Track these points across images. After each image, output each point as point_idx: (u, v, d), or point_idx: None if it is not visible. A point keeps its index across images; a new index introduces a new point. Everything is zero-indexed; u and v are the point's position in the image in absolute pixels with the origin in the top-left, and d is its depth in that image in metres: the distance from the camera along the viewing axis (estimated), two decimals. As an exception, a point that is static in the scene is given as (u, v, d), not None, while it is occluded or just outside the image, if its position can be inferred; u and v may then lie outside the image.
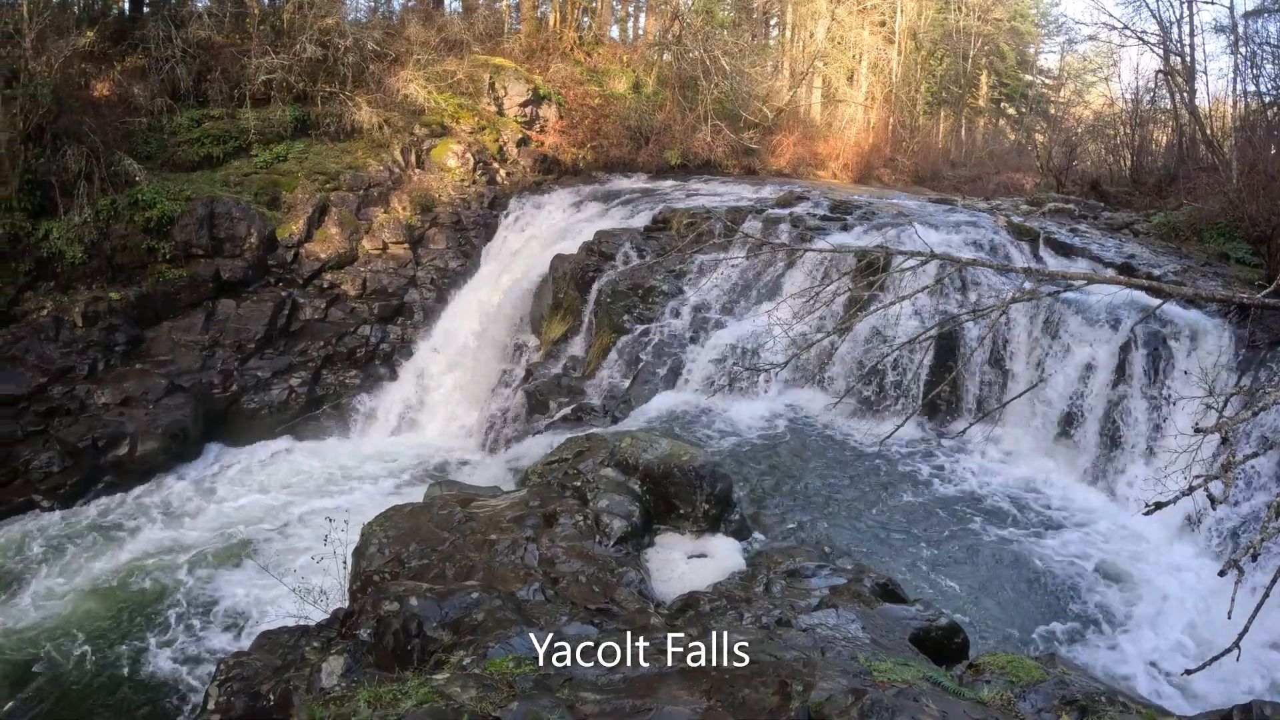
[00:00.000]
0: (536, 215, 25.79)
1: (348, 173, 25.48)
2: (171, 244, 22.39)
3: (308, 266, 23.72)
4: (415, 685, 5.94)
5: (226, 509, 18.73)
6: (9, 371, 20.00)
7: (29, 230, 21.16)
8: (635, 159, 31.78)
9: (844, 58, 45.28)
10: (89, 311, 21.18)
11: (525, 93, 30.67)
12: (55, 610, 16.12)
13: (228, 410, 21.60)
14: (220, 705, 8.93)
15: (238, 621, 15.04)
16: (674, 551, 8.94)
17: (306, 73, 26.70)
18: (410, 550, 9.00)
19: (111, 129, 23.25)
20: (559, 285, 20.25)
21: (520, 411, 17.68)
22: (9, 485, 19.34)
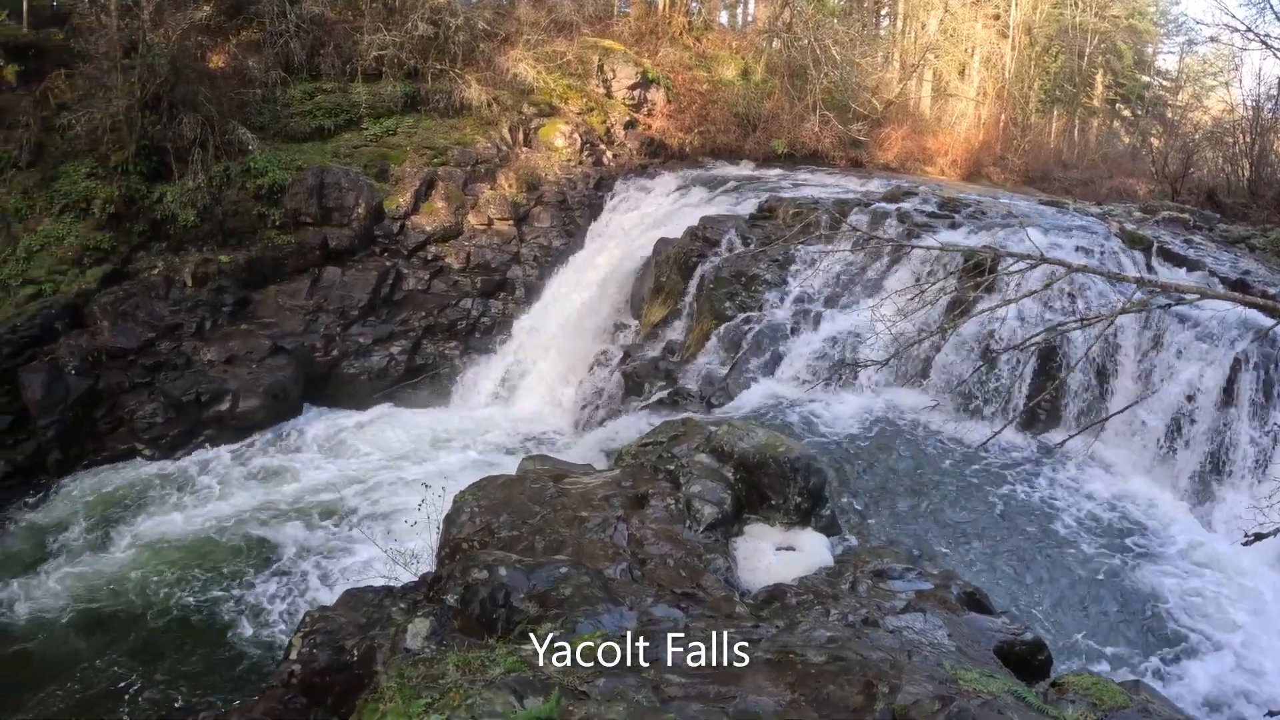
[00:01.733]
0: (642, 198, 25.79)
1: (456, 148, 25.83)
2: (281, 211, 23.07)
3: (413, 238, 24.10)
4: (503, 653, 6.01)
5: (321, 469, 19.23)
6: (120, 326, 20.84)
7: (144, 193, 22.08)
8: (742, 146, 31.59)
9: (956, 51, 44.31)
10: (199, 272, 21.94)
11: (634, 76, 30.70)
12: (148, 555, 16.80)
13: (328, 374, 22.14)
14: (302, 656, 9.16)
15: (323, 577, 15.50)
16: (762, 542, 8.89)
17: (417, 50, 27.13)
18: (501, 521, 9.10)
19: (226, 99, 24.01)
20: (661, 269, 20.21)
21: (616, 392, 17.72)
22: (114, 433, 20.31)
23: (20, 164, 22.34)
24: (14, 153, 22.28)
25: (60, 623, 15.31)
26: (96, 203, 21.63)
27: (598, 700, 5.35)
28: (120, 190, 21.72)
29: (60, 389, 19.83)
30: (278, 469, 19.41)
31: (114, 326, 20.79)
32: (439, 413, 21.52)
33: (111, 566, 16.61)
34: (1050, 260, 8.69)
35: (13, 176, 22.27)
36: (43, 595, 16.04)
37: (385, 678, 6.13)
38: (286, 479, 18.98)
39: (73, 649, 14.62)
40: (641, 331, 19.93)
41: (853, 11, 41.51)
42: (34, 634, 15.07)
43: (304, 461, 19.62)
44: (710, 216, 20.98)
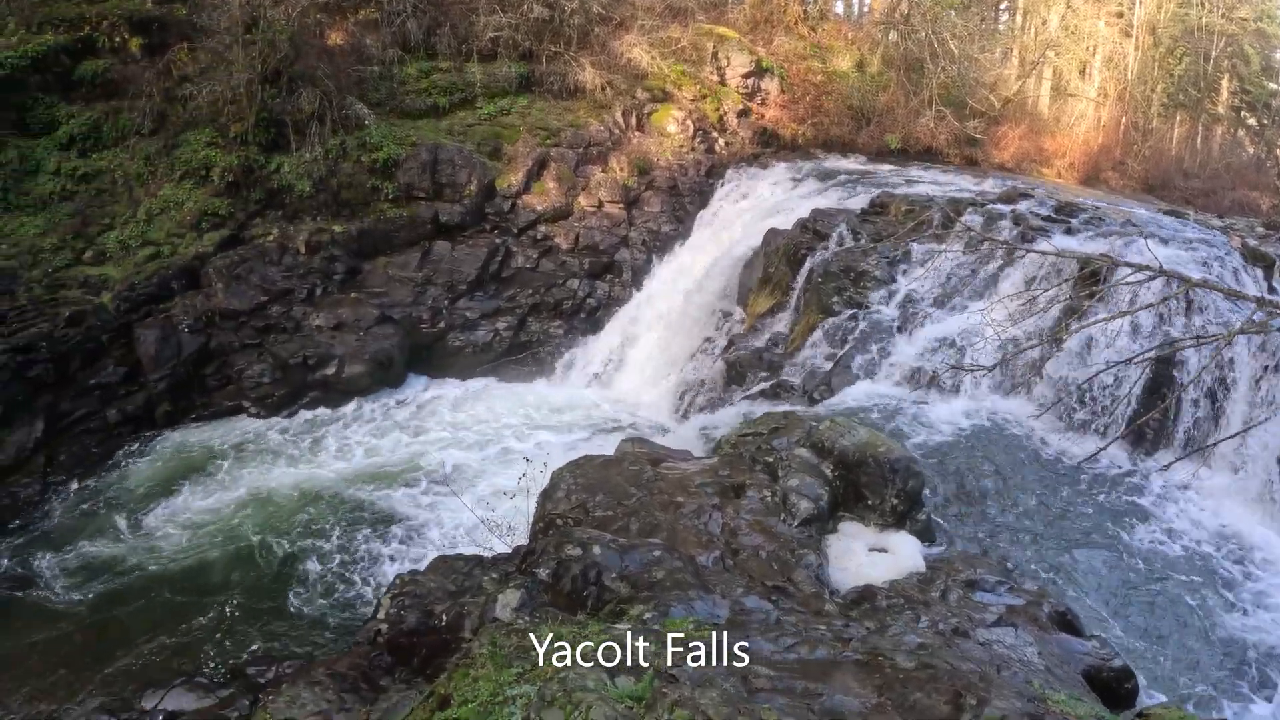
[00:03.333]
0: (753, 187, 25.67)
1: (568, 130, 26.04)
2: (394, 185, 23.61)
3: (523, 217, 24.40)
4: (595, 630, 6.09)
5: (423, 436, 19.71)
6: (234, 289, 21.63)
7: (262, 163, 22.92)
8: (855, 139, 31.22)
9: (1077, 49, 42.94)
10: (312, 241, 22.66)
11: (748, 64, 30.52)
12: (247, 509, 17.51)
13: (433, 345, 22.60)
14: (390, 616, 9.38)
15: (415, 541, 15.95)
16: (855, 542, 8.82)
17: (533, 32, 27.39)
18: (597, 500, 9.20)
19: (344, 75, 24.67)
20: (770, 260, 20.12)
21: (717, 380, 17.70)
22: (222, 390, 21.18)
23: (143, 131, 23.31)
24: (137, 121, 23.23)
25: (159, 567, 16.05)
26: (215, 171, 22.53)
27: (688, 685, 5.41)
28: (239, 159, 22.59)
29: (173, 346, 20.73)
30: (379, 434, 19.92)
31: (227, 289, 21.60)
32: (540, 389, 21.83)
33: (211, 518, 17.34)
34: (1168, 273, 8.48)
35: (136, 143, 23.26)
36: (144, 541, 16.86)
37: (478, 645, 6.25)
38: (386, 445, 19.47)
39: (170, 593, 15.29)
40: (746, 321, 19.85)
41: (972, 5, 40.42)
42: (135, 578, 15.80)
43: (405, 429, 20.09)
44: (821, 209, 20.80)
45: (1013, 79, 37.96)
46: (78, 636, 14.58)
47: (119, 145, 23.26)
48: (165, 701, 12.31)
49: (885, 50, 34.09)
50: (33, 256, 21.08)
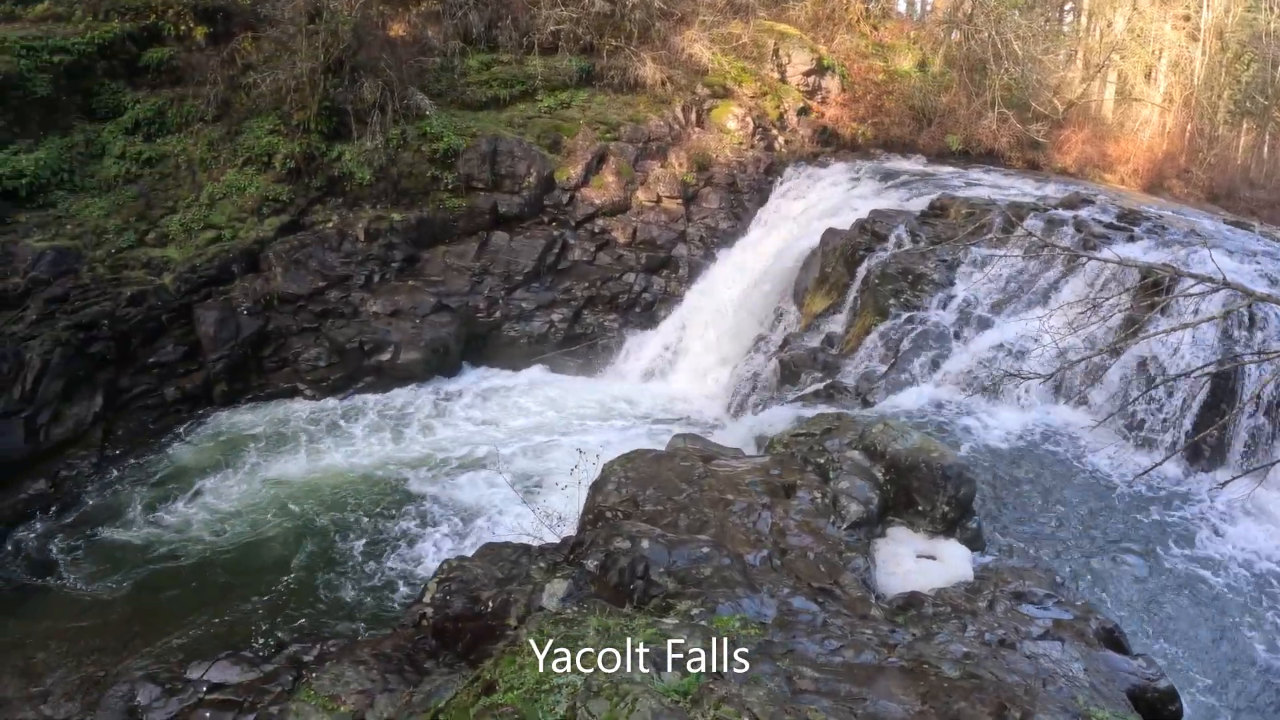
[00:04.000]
0: (811, 186, 25.49)
1: (628, 124, 26.07)
2: (454, 175, 23.82)
3: (581, 210, 24.48)
4: (643, 624, 6.16)
5: (476, 425, 19.89)
6: (293, 273, 22.00)
7: (323, 151, 23.31)
8: (916, 140, 30.88)
9: (1142, 52, 41.93)
10: (371, 228, 22.93)
11: (809, 62, 30.33)
12: (299, 488, 17.83)
13: (488, 334, 22.77)
14: (436, 601, 9.49)
15: (463, 528, 16.06)
16: (903, 547, 8.80)
17: (594, 26, 27.46)
18: (647, 494, 9.25)
19: (405, 66, 24.92)
20: (827, 259, 19.99)
21: (771, 379, 17.64)
22: (278, 372, 21.56)
23: (207, 118, 23.86)
24: (201, 107, 23.78)
25: (209, 543, 16.39)
26: (278, 157, 23.00)
27: (734, 682, 5.44)
28: (301, 147, 23.01)
29: (232, 327, 21.13)
30: (432, 421, 20.14)
31: (287, 273, 21.98)
32: (593, 382, 21.92)
33: (262, 497, 17.67)
34: (1232, 285, 8.33)
35: (200, 129, 23.81)
36: (196, 516, 17.22)
37: (525, 632, 6.32)
38: (440, 431, 19.69)
39: (219, 569, 15.61)
40: (802, 321, 19.74)
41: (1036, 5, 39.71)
42: (185, 552, 16.15)
43: (458, 416, 20.29)
44: (880, 210, 20.64)
45: (1077, 82, 37.28)
46: (127, 607, 14.97)
47: (183, 131, 23.80)
48: (210, 673, 12.52)
49: (948, 50, 33.64)
50: (97, 237, 21.61)
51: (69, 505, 18.20)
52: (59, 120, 23.05)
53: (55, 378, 19.37)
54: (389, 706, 7.84)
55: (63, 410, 19.43)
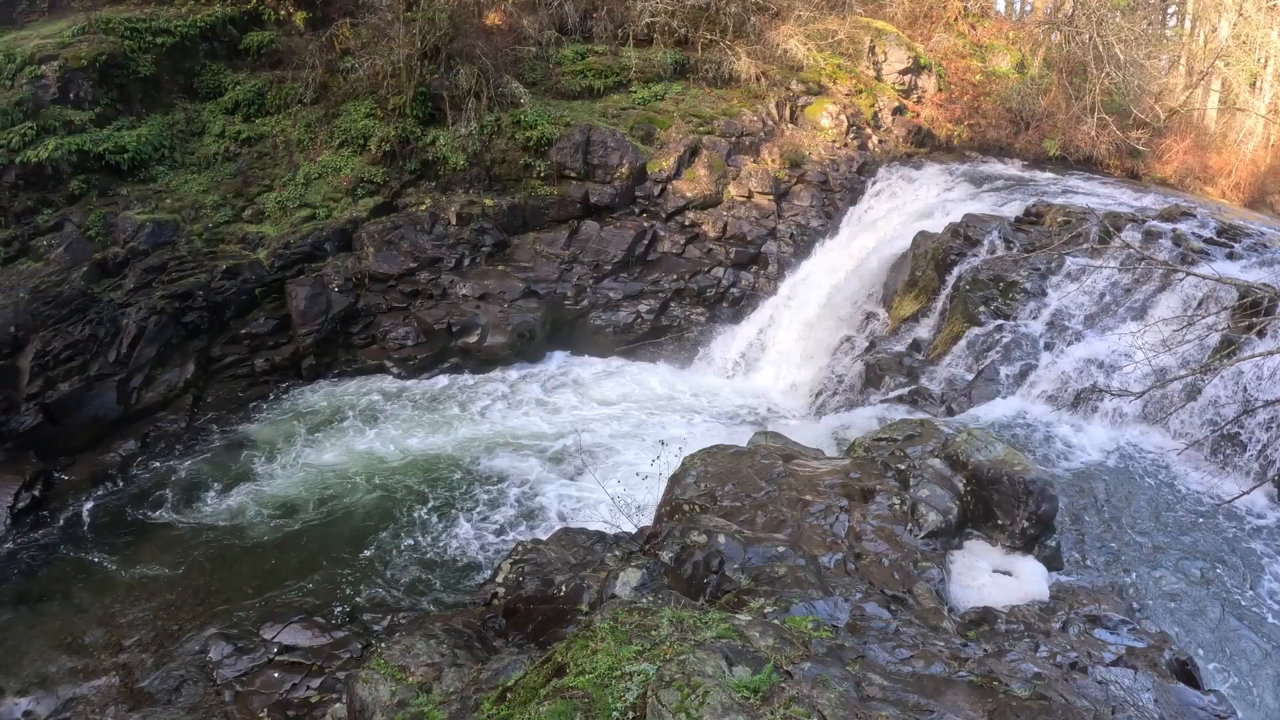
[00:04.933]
0: (904, 187, 25.11)
1: (721, 119, 26.02)
2: (547, 163, 24.07)
3: (672, 202, 24.49)
4: (717, 618, 6.21)
5: (557, 410, 20.10)
6: (384, 253, 22.53)
7: (418, 135, 23.83)
8: (1012, 144, 30.21)
9: (1248, 60, 40.40)
10: (463, 213, 23.32)
11: (905, 60, 29.88)
12: (380, 461, 18.26)
13: (575, 322, 22.97)
14: (508, 581, 9.67)
15: (538, 511, 16.26)
16: (980, 561, 8.73)
17: (689, 19, 27.40)
18: (725, 490, 9.29)
19: (501, 54, 25.21)
20: (918, 263, 19.69)
21: (855, 381, 17.48)
22: (366, 349, 22.11)
23: (305, 100, 24.67)
24: (300, 90, 24.60)
25: (288, 511, 16.94)
26: (373, 140, 23.59)
27: (805, 683, 5.45)
28: (396, 131, 23.57)
29: (322, 303, 21.73)
30: (514, 404, 20.43)
31: (378, 253, 22.52)
32: (677, 375, 21.90)
33: (342, 469, 18.15)
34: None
35: (298, 111, 24.63)
36: (276, 484, 17.80)
37: (599, 618, 6.41)
38: (522, 415, 19.95)
39: (296, 536, 16.13)
40: (889, 324, 19.49)
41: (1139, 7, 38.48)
42: (264, 518, 16.71)
43: (542, 401, 20.53)
44: (974, 214, 20.26)
45: (1179, 89, 36.05)
46: (205, 567, 15.54)
47: (281, 112, 24.62)
48: (282, 635, 12.96)
49: (1047, 51, 32.84)
50: (195, 212, 22.46)
51: (155, 466, 18.98)
52: (161, 99, 24.02)
53: (149, 344, 20.23)
54: (456, 681, 8.02)
55: (155, 375, 20.29)
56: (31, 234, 20.84)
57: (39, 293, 19.79)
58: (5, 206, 20.94)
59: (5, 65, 22.21)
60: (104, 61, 22.74)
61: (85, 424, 19.27)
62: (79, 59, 22.58)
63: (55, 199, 21.31)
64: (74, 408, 19.18)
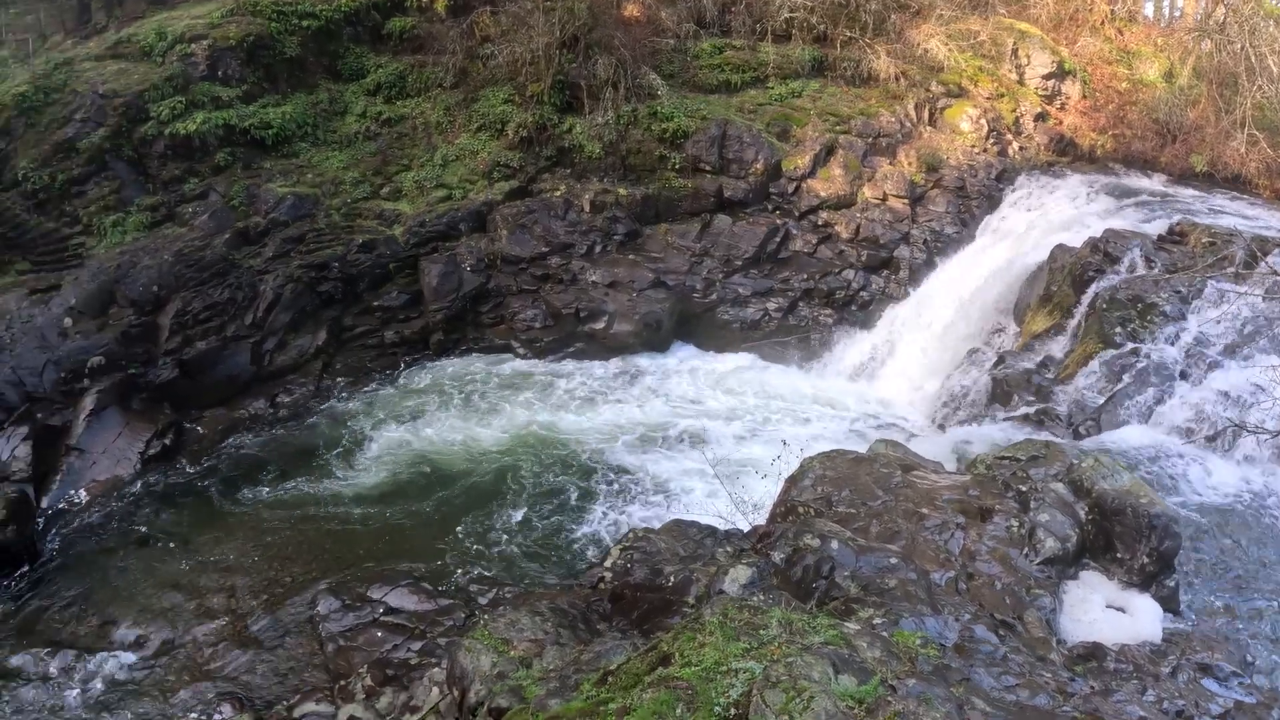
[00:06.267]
0: (1044, 198, 24.25)
1: (859, 119, 25.76)
2: (682, 156, 24.27)
3: (805, 201, 24.35)
4: (825, 624, 6.26)
5: (680, 402, 20.26)
6: (517, 236, 23.10)
7: (555, 123, 24.33)
8: (1157, 157, 28.88)
9: None
10: (597, 200, 23.76)
11: (1048, 64, 28.88)
12: (501, 438, 18.81)
13: (702, 315, 23.04)
14: (617, 566, 9.85)
15: (650, 500, 16.45)
16: (1094, 594, 8.50)
17: (828, 15, 27.14)
18: (842, 495, 9.29)
19: (639, 46, 25.46)
20: (1054, 277, 19.05)
21: (980, 396, 17.08)
22: (494, 328, 22.78)
23: (444, 85, 25.44)
24: (440, 75, 25.40)
25: (404, 479, 17.61)
26: (510, 126, 24.18)
27: (910, 699, 5.47)
28: (533, 117, 24.12)
29: (454, 281, 22.43)
30: (638, 393, 20.69)
31: (511, 235, 23.08)
32: (801, 376, 21.70)
33: (461, 443, 18.72)
34: None
35: (437, 95, 25.42)
36: (396, 452, 18.49)
37: (708, 613, 6.50)
38: (644, 403, 20.18)
39: (410, 504, 16.74)
40: (1020, 339, 18.90)
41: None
42: (381, 484, 17.44)
43: (664, 391, 20.73)
44: (1115, 230, 19.51)
45: (1336, 106, 34.10)
46: (320, 525, 16.28)
47: (421, 95, 25.47)
48: (389, 597, 13.44)
49: (1197, 60, 31.32)
50: (334, 187, 23.46)
51: (282, 426, 19.95)
52: (305, 79, 25.23)
53: (284, 310, 21.27)
54: (557, 659, 8.24)
55: (288, 340, 21.34)
56: (178, 201, 22.14)
57: (182, 256, 20.98)
58: (154, 175, 22.30)
59: (157, 43, 23.69)
60: (251, 42, 24.02)
61: (218, 381, 20.42)
62: (227, 38, 23.91)
63: (201, 169, 22.60)
64: (209, 365, 20.35)
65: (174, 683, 12.60)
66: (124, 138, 22.20)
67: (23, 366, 18.81)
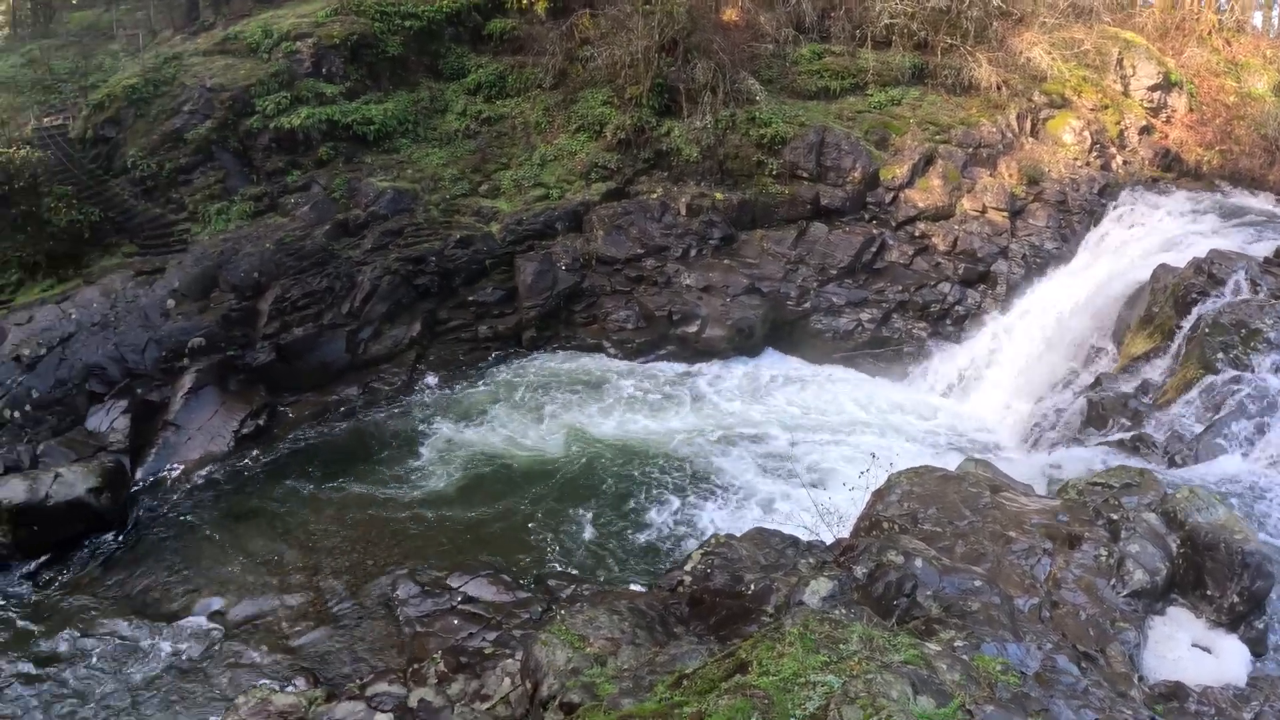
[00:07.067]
0: (1148, 215, 23.62)
1: (959, 128, 25.49)
2: (779, 162, 24.33)
3: (903, 211, 24.16)
4: (906, 642, 6.24)
5: (769, 409, 20.27)
6: (613, 237, 23.41)
7: (653, 125, 24.64)
8: (1265, 175, 27.85)
9: None
10: (693, 204, 23.90)
11: (1154, 75, 28.19)
12: (583, 437, 19.04)
13: (794, 323, 23.03)
14: (697, 571, 9.89)
15: (733, 507, 16.45)
16: (1180, 631, 8.27)
17: (929, 22, 26.90)
18: (928, 513, 9.21)
19: (737, 50, 25.63)
20: (1155, 298, 18.48)
21: (1075, 418, 16.64)
22: (586, 327, 23.14)
23: (544, 85, 26.07)
24: (540, 76, 26.04)
25: (490, 471, 17.97)
26: (609, 127, 24.56)
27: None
28: (632, 120, 24.46)
29: (548, 279, 22.83)
30: (727, 398, 20.74)
31: (607, 236, 23.39)
32: (891, 389, 21.52)
33: (554, 440, 19.01)
34: None
35: (537, 95, 26.04)
36: (483, 443, 18.94)
37: (790, 623, 6.51)
38: (731, 409, 20.22)
39: (494, 496, 17.10)
40: (1119, 362, 18.34)
41: None
42: (468, 474, 17.84)
43: (754, 398, 20.73)
44: (1220, 251, 18.88)
45: None
46: (405, 511, 16.71)
47: (521, 95, 26.08)
48: (468, 586, 13.70)
49: (1309, 73, 30.25)
50: (433, 183, 24.17)
51: (373, 413, 20.53)
52: (407, 77, 26.11)
53: (381, 301, 21.91)
54: (632, 659, 8.27)
55: (383, 330, 21.97)
56: (280, 192, 23.09)
57: (283, 245, 21.89)
58: (258, 166, 23.27)
59: (264, 40, 24.72)
60: (355, 41, 25.02)
61: (313, 367, 21.23)
62: (332, 37, 24.87)
63: (304, 162, 23.57)
64: (304, 351, 21.17)
65: (252, 653, 13.12)
66: (230, 130, 23.29)
67: (126, 344, 19.77)
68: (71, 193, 21.84)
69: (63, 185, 22.11)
